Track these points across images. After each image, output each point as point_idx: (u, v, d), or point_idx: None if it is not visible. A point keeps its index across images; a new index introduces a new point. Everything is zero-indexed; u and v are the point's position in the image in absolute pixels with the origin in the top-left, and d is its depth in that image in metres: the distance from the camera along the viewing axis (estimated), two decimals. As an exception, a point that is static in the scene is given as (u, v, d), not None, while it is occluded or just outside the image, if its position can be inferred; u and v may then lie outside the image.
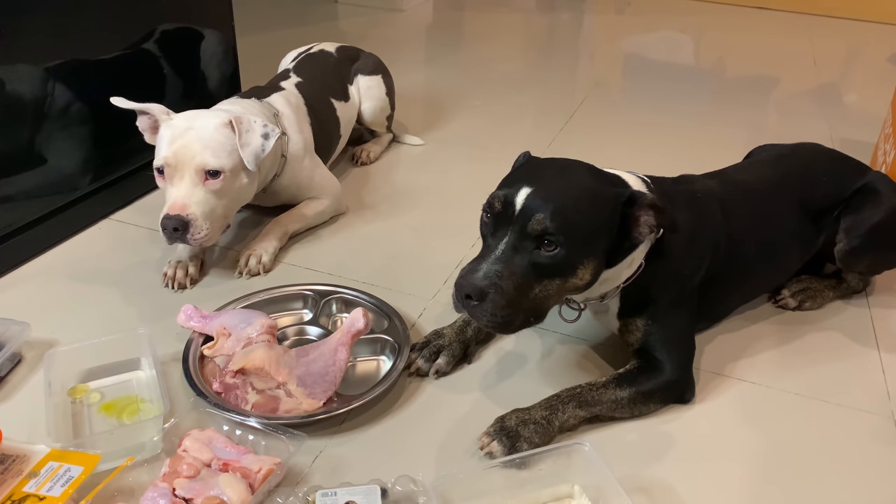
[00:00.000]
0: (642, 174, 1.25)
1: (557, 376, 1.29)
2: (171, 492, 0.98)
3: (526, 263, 1.06)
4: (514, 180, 1.11)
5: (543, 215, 1.04)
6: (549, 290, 1.09)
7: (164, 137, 1.42)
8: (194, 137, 1.41)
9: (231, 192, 1.46)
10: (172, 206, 1.39)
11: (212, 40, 2.04)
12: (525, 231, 1.06)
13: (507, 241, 1.07)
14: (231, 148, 1.43)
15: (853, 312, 1.50)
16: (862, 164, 1.52)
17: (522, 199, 1.06)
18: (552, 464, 1.06)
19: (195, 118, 1.45)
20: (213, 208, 1.42)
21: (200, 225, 1.40)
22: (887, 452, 1.16)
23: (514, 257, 1.06)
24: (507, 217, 1.07)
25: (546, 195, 1.06)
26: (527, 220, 1.05)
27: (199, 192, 1.41)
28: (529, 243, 1.06)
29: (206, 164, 1.40)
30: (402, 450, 1.13)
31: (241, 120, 1.44)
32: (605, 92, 2.75)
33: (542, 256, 1.06)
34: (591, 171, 1.15)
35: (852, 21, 3.84)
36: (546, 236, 1.05)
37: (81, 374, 1.22)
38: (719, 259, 1.28)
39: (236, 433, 1.11)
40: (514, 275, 1.05)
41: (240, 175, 1.47)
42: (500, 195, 1.09)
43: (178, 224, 1.38)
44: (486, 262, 1.06)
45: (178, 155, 1.40)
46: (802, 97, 2.75)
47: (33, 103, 1.57)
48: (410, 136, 2.21)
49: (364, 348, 1.31)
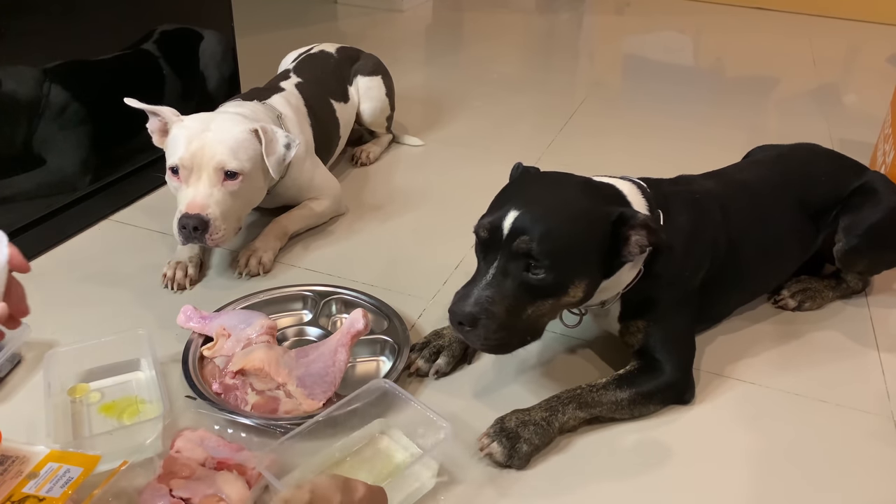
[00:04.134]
0: (638, 178, 1.25)
1: (557, 377, 1.29)
2: (169, 492, 0.98)
3: (516, 286, 1.07)
4: (503, 201, 1.11)
5: (529, 238, 1.05)
6: (542, 309, 1.10)
7: (180, 138, 1.42)
8: (213, 139, 1.41)
9: (246, 194, 1.47)
10: (191, 206, 1.39)
11: (211, 41, 2.04)
12: (513, 254, 1.06)
13: (496, 266, 1.07)
14: (252, 152, 1.44)
15: (853, 312, 1.50)
16: (860, 164, 1.52)
17: (510, 222, 1.07)
18: (361, 407, 1.11)
19: (210, 120, 1.45)
20: (230, 209, 1.43)
21: (219, 225, 1.40)
22: (887, 452, 1.16)
23: (504, 281, 1.07)
24: (496, 241, 1.08)
25: (533, 218, 1.06)
26: (514, 243, 1.06)
27: (218, 193, 1.41)
28: (518, 267, 1.06)
29: (226, 164, 1.40)
30: (402, 450, 1.13)
31: (266, 129, 1.46)
32: (605, 92, 2.76)
33: (532, 279, 1.06)
34: (583, 187, 1.15)
35: (852, 21, 3.84)
36: (533, 260, 1.05)
37: (81, 375, 1.22)
38: (719, 259, 1.28)
39: (228, 431, 1.11)
40: (505, 298, 1.06)
41: (256, 178, 1.48)
42: (486, 223, 1.09)
43: (197, 223, 1.37)
44: (477, 288, 1.07)
45: (196, 155, 1.40)
46: (802, 97, 2.75)
47: (33, 103, 1.57)
48: (410, 136, 2.21)
49: (364, 349, 1.31)
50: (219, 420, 1.11)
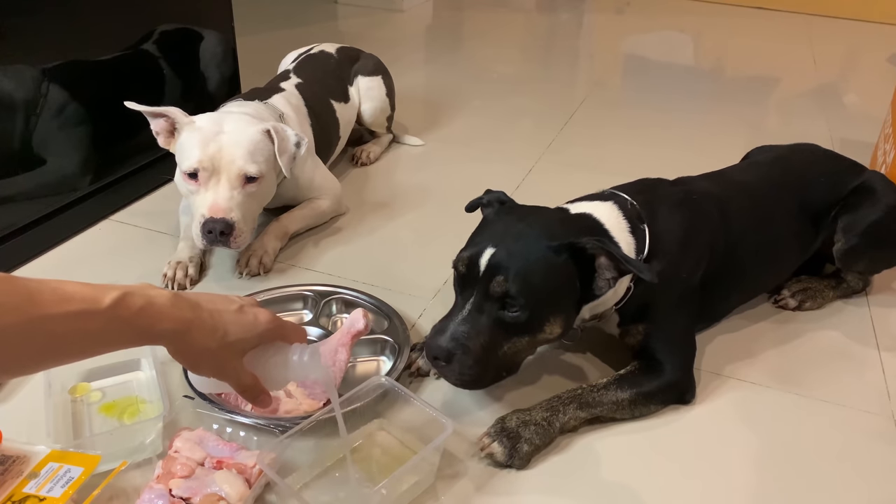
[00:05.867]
0: (638, 180, 1.24)
1: (558, 377, 1.29)
2: (168, 492, 0.98)
3: (491, 323, 1.07)
4: (480, 238, 1.12)
5: (503, 277, 1.06)
6: (518, 346, 1.11)
7: (194, 141, 1.41)
8: (230, 142, 1.41)
9: (262, 195, 1.49)
10: (215, 209, 1.39)
11: (212, 41, 2.04)
12: (488, 293, 1.07)
13: (472, 302, 1.08)
14: (267, 154, 1.45)
15: (853, 312, 1.50)
16: (858, 163, 1.52)
17: (486, 260, 1.08)
18: (361, 405, 1.11)
19: (221, 122, 1.45)
20: (249, 211, 1.44)
21: (242, 228, 1.41)
22: (888, 452, 1.16)
23: (480, 318, 1.08)
24: (473, 277, 1.09)
25: (509, 256, 1.07)
26: (489, 281, 1.07)
27: (238, 196, 1.42)
28: (493, 304, 1.07)
29: (248, 170, 1.41)
30: (403, 450, 1.13)
31: (278, 129, 1.46)
32: (605, 92, 2.76)
33: (507, 316, 1.07)
34: (559, 221, 1.15)
35: (852, 21, 3.84)
36: (508, 298, 1.06)
37: (81, 375, 1.22)
38: (718, 259, 1.28)
39: (227, 431, 1.11)
40: (480, 334, 1.07)
41: (271, 179, 1.49)
42: (465, 257, 1.10)
43: (224, 227, 1.38)
44: (453, 323, 1.08)
45: (215, 159, 1.40)
46: (802, 97, 2.76)
47: (32, 103, 1.57)
48: (410, 136, 2.21)
49: (364, 349, 1.31)
50: (218, 419, 1.11)
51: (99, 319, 0.75)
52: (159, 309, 0.80)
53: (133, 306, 0.78)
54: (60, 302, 0.72)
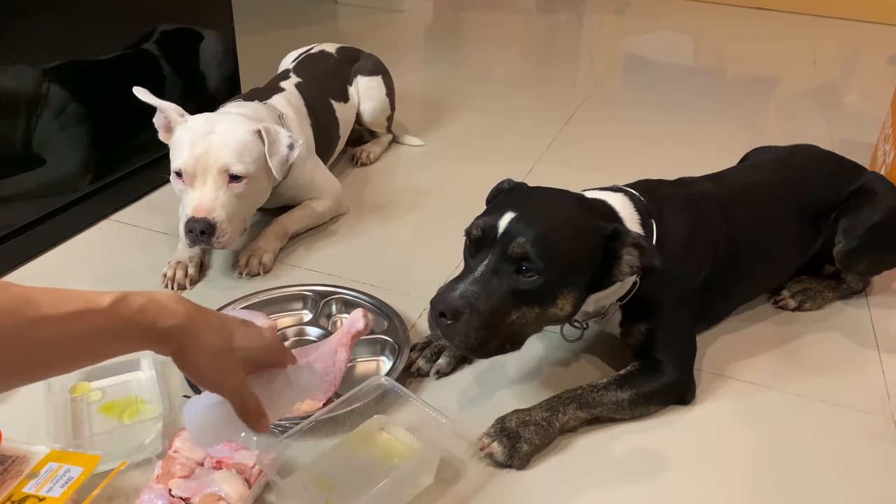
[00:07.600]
0: (639, 181, 1.24)
1: (558, 377, 1.29)
2: (168, 492, 0.98)
3: (505, 287, 1.04)
4: (498, 206, 1.10)
5: (525, 240, 1.03)
6: (527, 317, 1.07)
7: (184, 140, 1.42)
8: (218, 142, 1.41)
9: (251, 195, 1.48)
10: (198, 209, 1.39)
11: (211, 41, 2.04)
12: (506, 254, 1.04)
13: (487, 264, 1.05)
14: (256, 154, 1.44)
15: (853, 313, 1.50)
16: (858, 165, 1.52)
17: (506, 222, 1.05)
18: (361, 405, 1.12)
19: (214, 122, 1.45)
20: (235, 211, 1.44)
21: (225, 228, 1.41)
22: (888, 452, 1.16)
23: (493, 280, 1.04)
24: (489, 240, 1.06)
25: (530, 221, 1.05)
26: (508, 243, 1.04)
27: (223, 196, 1.41)
28: (509, 267, 1.04)
29: (231, 167, 1.41)
30: (402, 450, 1.13)
31: (269, 130, 1.46)
32: (605, 92, 2.76)
33: (522, 282, 1.04)
34: (578, 201, 1.15)
35: (852, 21, 3.84)
36: (526, 261, 1.03)
37: (81, 375, 1.22)
38: (719, 261, 1.28)
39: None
40: (491, 297, 1.03)
41: (260, 180, 1.48)
42: (480, 223, 1.08)
43: (204, 227, 1.38)
44: (464, 283, 1.04)
45: (201, 158, 1.40)
46: (802, 97, 2.76)
47: (33, 103, 1.57)
48: (410, 136, 2.21)
49: (364, 349, 1.31)
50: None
51: (99, 318, 0.72)
52: (162, 305, 0.77)
53: (134, 304, 0.75)
54: (59, 303, 0.70)
